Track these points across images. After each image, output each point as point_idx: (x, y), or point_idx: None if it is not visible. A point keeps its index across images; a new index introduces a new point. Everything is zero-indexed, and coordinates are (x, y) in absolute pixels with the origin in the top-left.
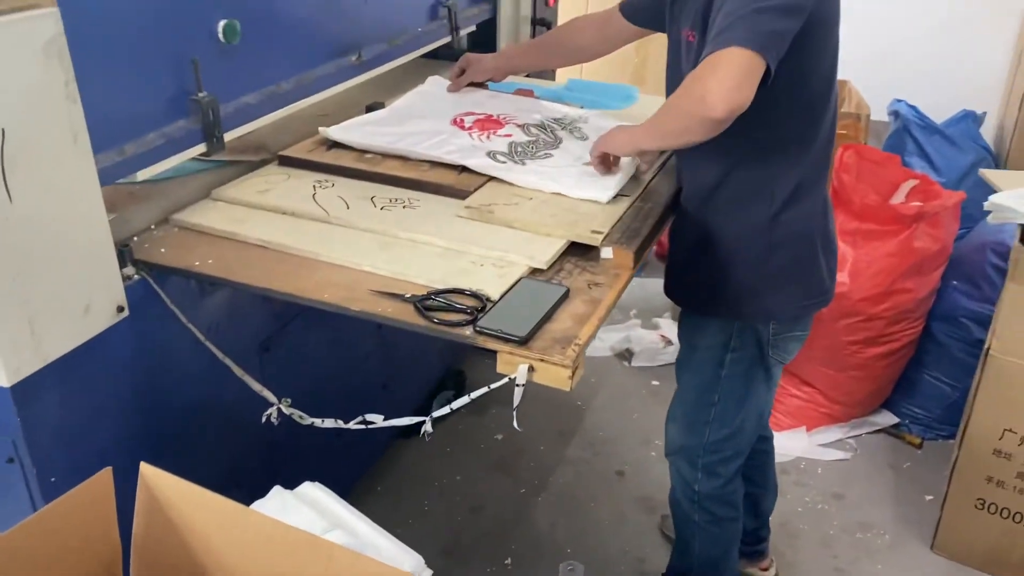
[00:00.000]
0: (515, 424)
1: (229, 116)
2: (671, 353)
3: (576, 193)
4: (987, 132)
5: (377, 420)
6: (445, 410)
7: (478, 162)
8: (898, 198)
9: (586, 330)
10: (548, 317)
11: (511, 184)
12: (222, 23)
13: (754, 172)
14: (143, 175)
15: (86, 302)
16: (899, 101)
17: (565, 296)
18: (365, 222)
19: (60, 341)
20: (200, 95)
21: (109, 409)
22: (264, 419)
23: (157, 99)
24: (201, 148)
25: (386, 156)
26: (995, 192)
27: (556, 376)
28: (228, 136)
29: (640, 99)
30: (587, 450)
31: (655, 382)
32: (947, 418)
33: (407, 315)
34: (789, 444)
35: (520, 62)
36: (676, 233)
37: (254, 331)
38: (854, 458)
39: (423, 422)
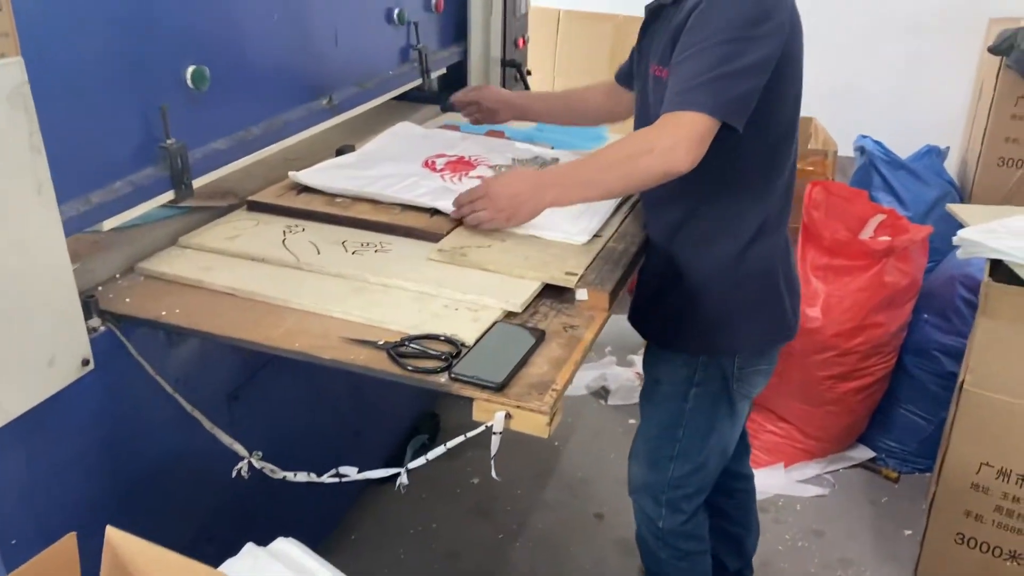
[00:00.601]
0: (493, 474)
1: (198, 162)
2: None
3: (550, 235)
4: (951, 166)
5: (351, 473)
6: (420, 461)
7: (449, 204)
8: (867, 233)
9: (563, 374)
10: (524, 362)
11: None
12: (191, 69)
13: (719, 210)
14: (109, 224)
15: (50, 356)
16: (864, 137)
17: (541, 339)
18: (336, 267)
19: (22, 397)
20: (168, 142)
21: (75, 466)
22: (234, 473)
23: (124, 146)
24: (169, 195)
25: (357, 200)
26: (962, 227)
27: (534, 423)
28: (197, 183)
29: (610, 139)
30: (565, 492)
31: (632, 420)
32: (923, 451)
33: (381, 363)
34: (767, 481)
35: (538, 105)
36: (644, 266)
37: (223, 380)
38: (832, 494)
39: (398, 473)
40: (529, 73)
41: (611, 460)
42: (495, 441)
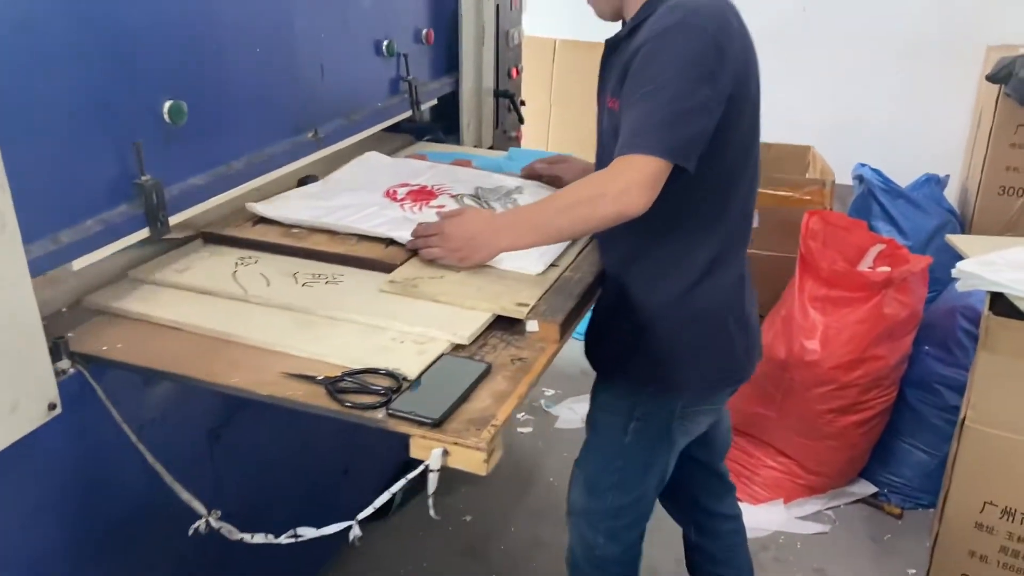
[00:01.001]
0: (432, 513)
1: (175, 198)
2: None
3: (506, 264)
4: (951, 195)
5: (308, 532)
6: (369, 510)
7: (404, 235)
8: (866, 263)
9: (504, 409)
10: (466, 396)
11: None
12: (168, 104)
13: (668, 247)
14: (79, 264)
15: (13, 401)
16: (863, 166)
17: (486, 373)
18: (284, 299)
19: None
20: (143, 178)
21: (40, 515)
22: (191, 532)
23: (96, 183)
24: (144, 233)
25: (314, 231)
26: (962, 258)
27: (471, 460)
28: (174, 219)
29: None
30: (560, 530)
31: None
32: (926, 486)
33: (318, 399)
34: (767, 518)
35: None
36: (599, 296)
37: (204, 420)
38: (833, 530)
39: (350, 526)
40: (523, 103)
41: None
42: (432, 479)
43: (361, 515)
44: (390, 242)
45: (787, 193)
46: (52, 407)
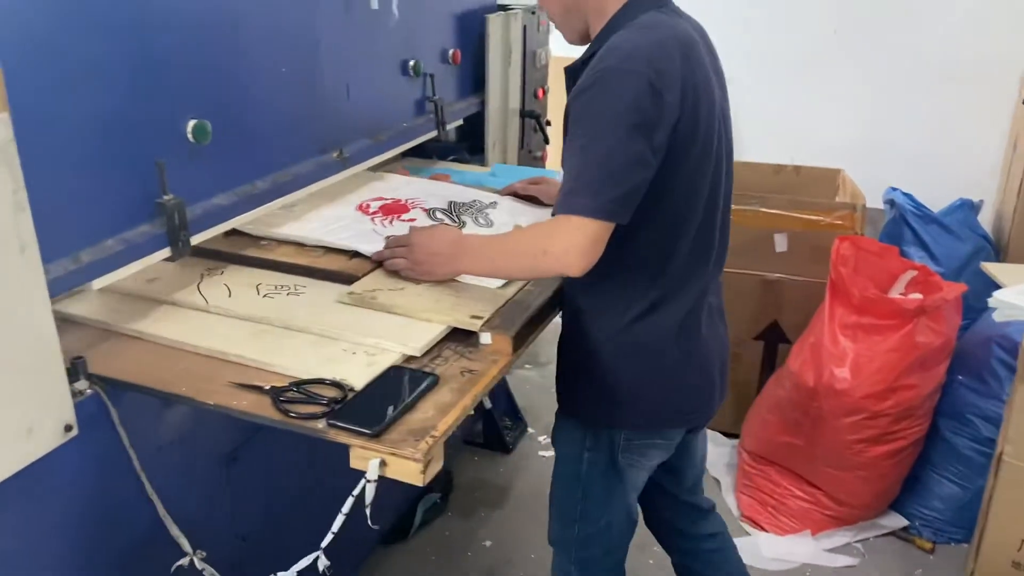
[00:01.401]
0: (369, 523)
1: (198, 218)
2: None
3: (466, 278)
4: (985, 220)
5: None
6: (329, 537)
7: (369, 247)
8: (897, 290)
9: (446, 420)
10: (410, 407)
11: None
12: (192, 123)
13: (613, 283)
14: (99, 283)
15: (29, 423)
16: (894, 190)
17: (433, 384)
18: (243, 310)
19: None
20: (165, 198)
21: (53, 538)
22: (173, 569)
23: (118, 202)
24: (165, 253)
25: (283, 243)
26: (997, 286)
27: (407, 470)
28: (196, 239)
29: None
30: None
31: None
32: (959, 520)
33: (263, 408)
34: (794, 549)
35: None
36: (562, 323)
37: (221, 441)
38: (862, 564)
39: (317, 556)
40: (548, 123)
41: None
42: (370, 489)
43: (325, 543)
44: (354, 254)
45: (817, 217)
46: (68, 428)
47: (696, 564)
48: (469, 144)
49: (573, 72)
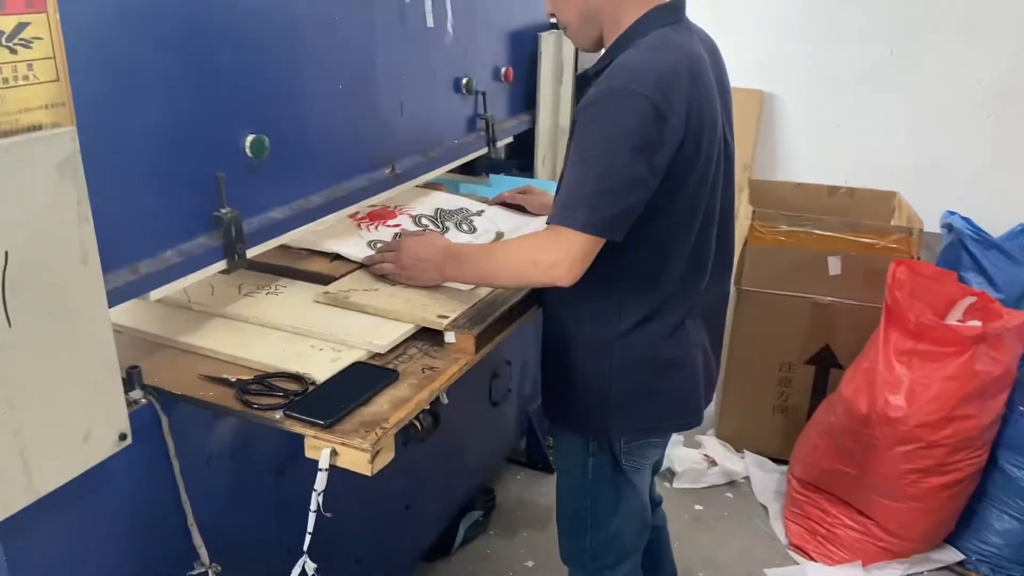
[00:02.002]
0: (317, 507)
1: (254, 232)
2: (716, 475)
3: (453, 284)
4: None
5: None
6: (308, 539)
7: (351, 250)
8: (954, 316)
9: (398, 414)
10: (365, 401)
11: None
12: (250, 138)
13: (604, 294)
14: (156, 295)
15: (85, 431)
16: (952, 213)
17: (392, 380)
18: (222, 308)
19: (54, 474)
20: (223, 211)
21: (105, 545)
22: None
23: (177, 215)
24: (221, 265)
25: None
26: None
27: (356, 460)
28: (251, 252)
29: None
30: None
31: (698, 506)
32: (1019, 556)
33: (226, 400)
34: None
35: None
36: (544, 335)
37: (269, 455)
38: None
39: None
40: None
41: (675, 549)
42: (321, 477)
43: (305, 545)
44: (336, 256)
45: (872, 240)
46: (123, 437)
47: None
48: (519, 161)
49: (585, 80)
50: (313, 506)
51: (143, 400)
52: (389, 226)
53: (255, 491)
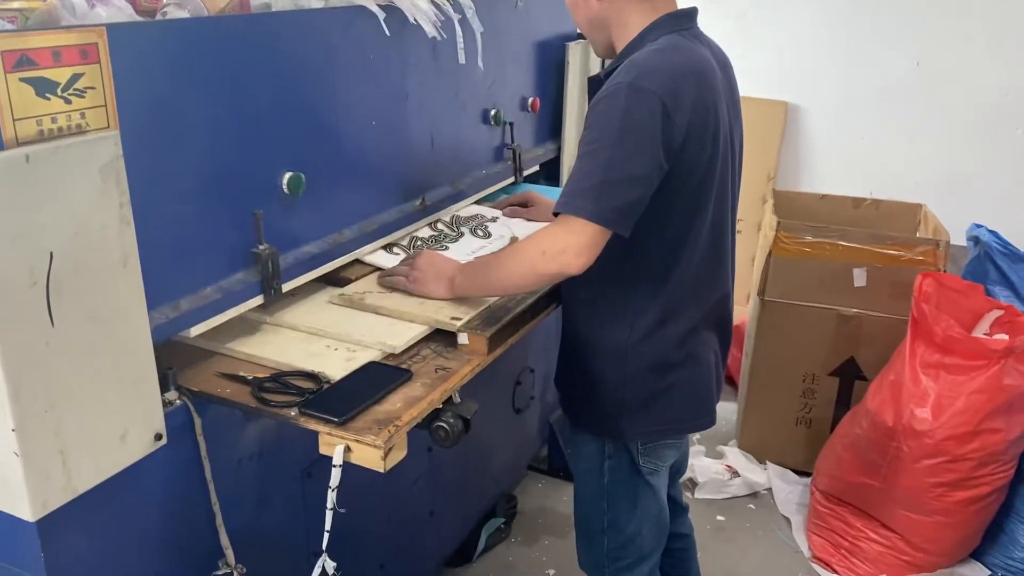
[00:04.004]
0: (336, 507)
1: (289, 267)
2: (738, 486)
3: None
4: None
5: None
6: (326, 537)
7: (371, 256)
8: (981, 329)
9: (411, 412)
10: (379, 400)
11: None
12: (287, 176)
13: (618, 298)
14: (196, 331)
15: (123, 431)
16: (978, 226)
17: (406, 379)
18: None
19: (92, 472)
20: (261, 247)
21: (140, 542)
22: None
23: (217, 252)
24: (258, 300)
25: None
26: None
27: (369, 457)
28: (287, 286)
29: None
30: None
31: (720, 517)
32: None
33: (241, 397)
34: None
35: None
36: (562, 337)
37: (298, 457)
38: None
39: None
40: None
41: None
42: (335, 473)
43: (323, 543)
44: (355, 260)
45: (898, 252)
46: (158, 437)
47: (663, 562)
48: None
49: (595, 83)
50: (329, 503)
51: (178, 401)
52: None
53: (283, 495)
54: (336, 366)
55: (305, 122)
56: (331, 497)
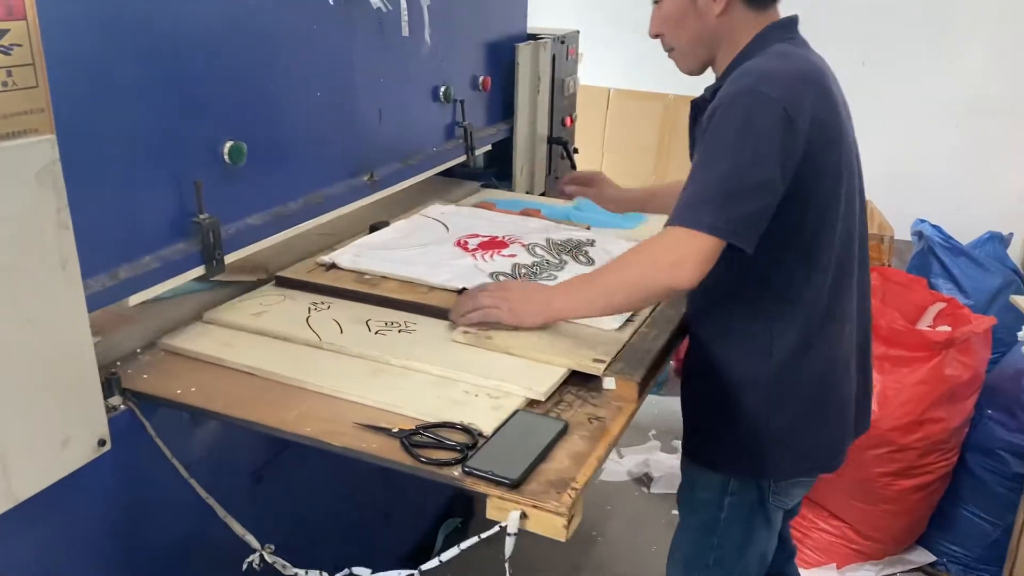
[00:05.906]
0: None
1: (231, 237)
2: None
3: (580, 319)
4: (1015, 253)
5: (363, 572)
6: (434, 563)
7: (473, 283)
8: (925, 322)
9: (584, 472)
10: (543, 456)
11: None
12: (228, 144)
13: (750, 326)
14: (135, 299)
15: (64, 436)
16: (922, 221)
17: (563, 432)
18: (358, 347)
19: (33, 479)
20: (201, 217)
21: (85, 551)
22: (245, 566)
23: (155, 221)
24: (199, 271)
25: (385, 278)
26: None
27: (550, 525)
28: (229, 258)
29: (649, 219)
30: None
31: (676, 511)
32: (988, 557)
33: (393, 453)
34: None
35: (652, 204)
36: (685, 372)
37: (247, 460)
38: None
39: (412, 574)
40: (576, 151)
41: (653, 553)
42: (509, 543)
43: (425, 566)
44: (462, 290)
45: None
46: (102, 443)
47: None
48: (497, 170)
49: (700, 105)
50: None
51: (121, 407)
52: (504, 256)
53: (232, 497)
54: (485, 416)
55: (246, 90)
56: (508, 569)
